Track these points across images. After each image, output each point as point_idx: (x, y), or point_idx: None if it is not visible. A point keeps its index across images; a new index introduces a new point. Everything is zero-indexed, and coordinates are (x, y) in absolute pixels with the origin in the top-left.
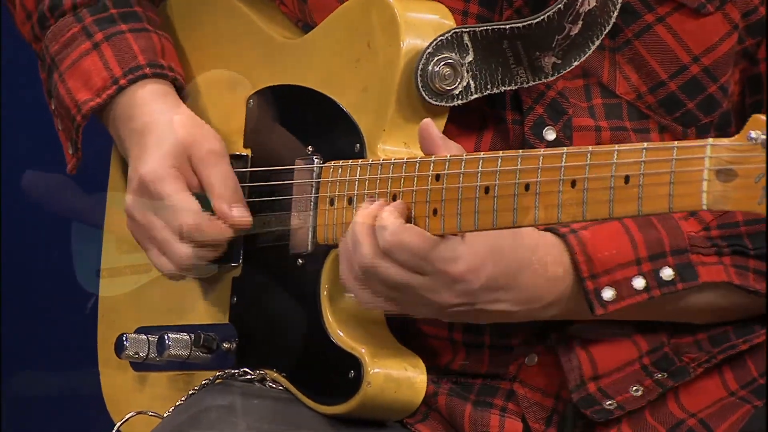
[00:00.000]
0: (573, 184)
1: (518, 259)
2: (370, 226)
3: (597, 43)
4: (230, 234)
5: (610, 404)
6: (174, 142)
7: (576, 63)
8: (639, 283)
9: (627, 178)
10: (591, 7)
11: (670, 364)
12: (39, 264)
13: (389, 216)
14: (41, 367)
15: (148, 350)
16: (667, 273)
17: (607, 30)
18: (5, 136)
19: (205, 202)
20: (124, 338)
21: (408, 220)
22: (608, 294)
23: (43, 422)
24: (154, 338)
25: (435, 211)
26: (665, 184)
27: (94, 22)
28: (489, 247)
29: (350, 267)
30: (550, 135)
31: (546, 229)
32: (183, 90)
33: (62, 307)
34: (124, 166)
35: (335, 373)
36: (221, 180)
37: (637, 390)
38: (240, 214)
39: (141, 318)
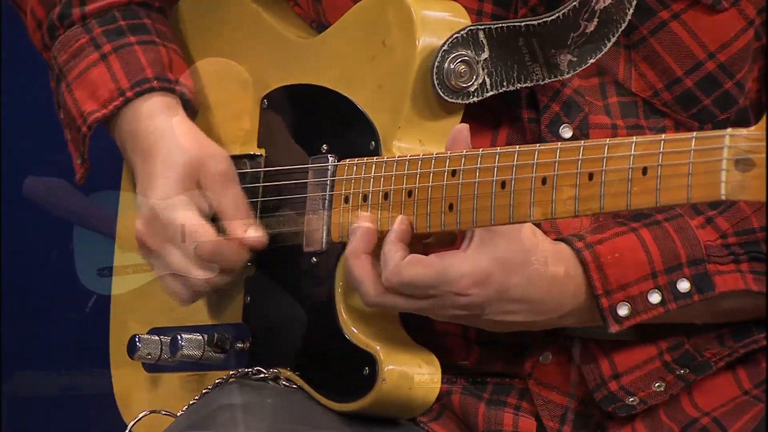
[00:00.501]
0: (590, 176)
1: (530, 272)
2: (367, 266)
3: (613, 40)
4: (248, 257)
5: (632, 400)
6: (182, 165)
7: (591, 60)
8: (655, 297)
9: (645, 170)
10: (606, 4)
11: (691, 359)
12: (39, 264)
13: (389, 253)
14: (41, 367)
15: (161, 351)
16: (683, 285)
17: (622, 27)
18: (5, 136)
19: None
20: (137, 339)
21: (409, 236)
22: (623, 311)
23: (43, 422)
24: (166, 339)
25: (451, 207)
26: (683, 175)
27: (102, 33)
28: (495, 259)
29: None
30: (566, 132)
31: (561, 241)
32: (190, 104)
33: (62, 307)
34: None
35: (350, 370)
36: (233, 203)
37: (659, 386)
38: (255, 236)
39: (154, 319)
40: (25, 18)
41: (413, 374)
